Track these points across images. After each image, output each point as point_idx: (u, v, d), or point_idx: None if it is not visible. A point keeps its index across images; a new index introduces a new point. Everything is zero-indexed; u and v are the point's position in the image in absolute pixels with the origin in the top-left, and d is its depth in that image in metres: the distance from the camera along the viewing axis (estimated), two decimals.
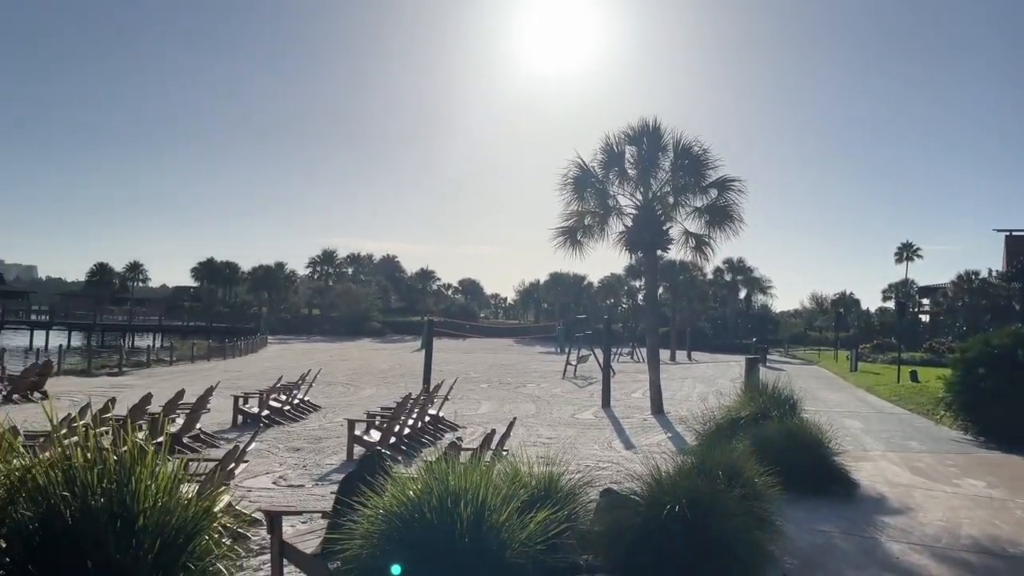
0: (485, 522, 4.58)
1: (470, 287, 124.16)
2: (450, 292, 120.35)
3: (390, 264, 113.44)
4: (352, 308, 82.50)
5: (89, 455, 3.92)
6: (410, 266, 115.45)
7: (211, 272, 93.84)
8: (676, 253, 20.57)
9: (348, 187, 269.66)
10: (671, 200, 18.96)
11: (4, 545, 3.80)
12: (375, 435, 11.90)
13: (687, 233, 19.14)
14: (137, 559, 3.65)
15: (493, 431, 8.87)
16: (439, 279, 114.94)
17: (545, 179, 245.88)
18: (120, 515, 3.71)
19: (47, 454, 4.25)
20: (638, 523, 5.39)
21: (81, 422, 9.01)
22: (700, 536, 5.27)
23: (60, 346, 36.43)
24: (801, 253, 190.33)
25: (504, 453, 7.76)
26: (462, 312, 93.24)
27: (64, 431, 5.00)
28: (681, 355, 52.47)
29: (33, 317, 64.33)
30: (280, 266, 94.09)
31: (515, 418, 11.15)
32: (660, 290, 58.04)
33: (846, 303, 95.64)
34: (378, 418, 12.98)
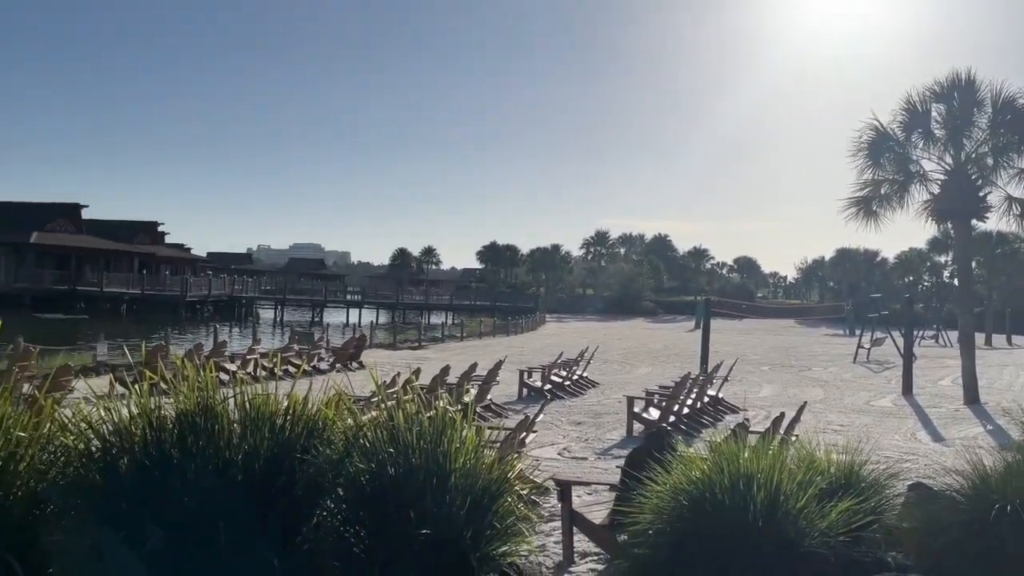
0: (780, 507, 4.38)
1: (745, 265, 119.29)
2: (724, 271, 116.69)
3: (661, 243, 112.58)
4: (624, 287, 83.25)
5: (407, 418, 4.37)
6: (682, 245, 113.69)
7: (494, 255, 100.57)
8: (993, 223, 18.30)
9: (620, 168, 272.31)
10: (989, 162, 16.60)
11: (341, 493, 4.39)
12: (654, 413, 11.92)
13: (1010, 199, 16.68)
14: (450, 514, 4.01)
15: (782, 414, 8.46)
16: (712, 257, 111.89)
17: (828, 147, 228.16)
18: (436, 473, 4.10)
19: (372, 415, 4.82)
20: (958, 522, 4.80)
21: (399, 385, 10.07)
22: None
23: (371, 322, 41.30)
24: None
25: (793, 438, 7.36)
26: (737, 291, 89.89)
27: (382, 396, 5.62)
28: (998, 339, 46.00)
29: (348, 297, 73.81)
30: (556, 248, 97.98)
31: (805, 402, 10.51)
32: (973, 265, 51.21)
33: None
34: (656, 396, 12.98)
